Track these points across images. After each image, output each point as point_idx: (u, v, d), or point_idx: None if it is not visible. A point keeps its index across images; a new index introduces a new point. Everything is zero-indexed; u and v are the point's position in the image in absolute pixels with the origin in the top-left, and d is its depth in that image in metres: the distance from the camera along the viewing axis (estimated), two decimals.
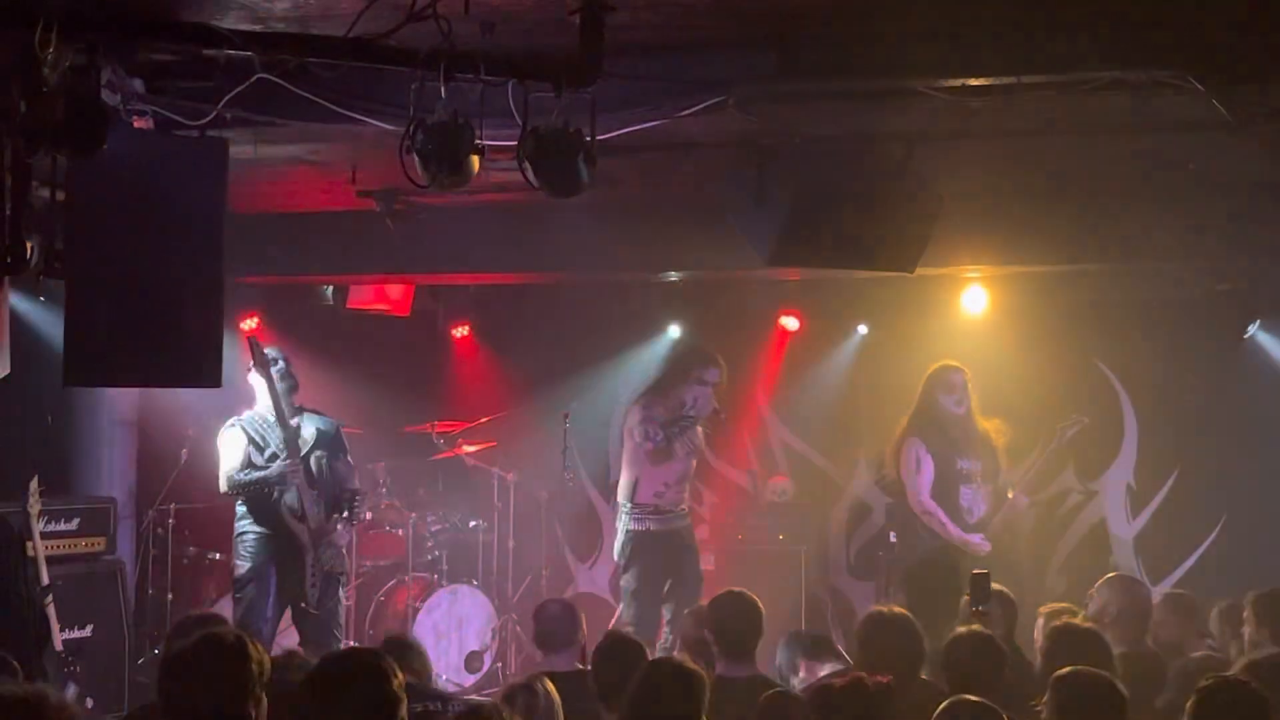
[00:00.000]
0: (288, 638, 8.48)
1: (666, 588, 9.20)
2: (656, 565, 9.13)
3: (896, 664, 5.76)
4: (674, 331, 11.22)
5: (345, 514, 8.46)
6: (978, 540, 8.87)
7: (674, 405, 9.17)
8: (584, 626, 6.60)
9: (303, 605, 8.27)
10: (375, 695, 4.25)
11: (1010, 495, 9.06)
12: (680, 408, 9.16)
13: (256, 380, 8.35)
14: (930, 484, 8.92)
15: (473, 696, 8.19)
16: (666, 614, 9.13)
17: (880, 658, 5.81)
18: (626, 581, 9.16)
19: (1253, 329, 9.82)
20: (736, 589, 6.79)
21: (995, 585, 6.47)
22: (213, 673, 4.27)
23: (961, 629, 5.93)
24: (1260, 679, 4.80)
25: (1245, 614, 6.73)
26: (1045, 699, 4.91)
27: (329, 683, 4.26)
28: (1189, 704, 4.64)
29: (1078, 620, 6.27)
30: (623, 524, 9.25)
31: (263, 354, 8.30)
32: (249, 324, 10.58)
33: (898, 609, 6.10)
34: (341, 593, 8.61)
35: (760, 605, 6.51)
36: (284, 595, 8.31)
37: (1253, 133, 6.26)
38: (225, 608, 9.01)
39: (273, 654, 7.17)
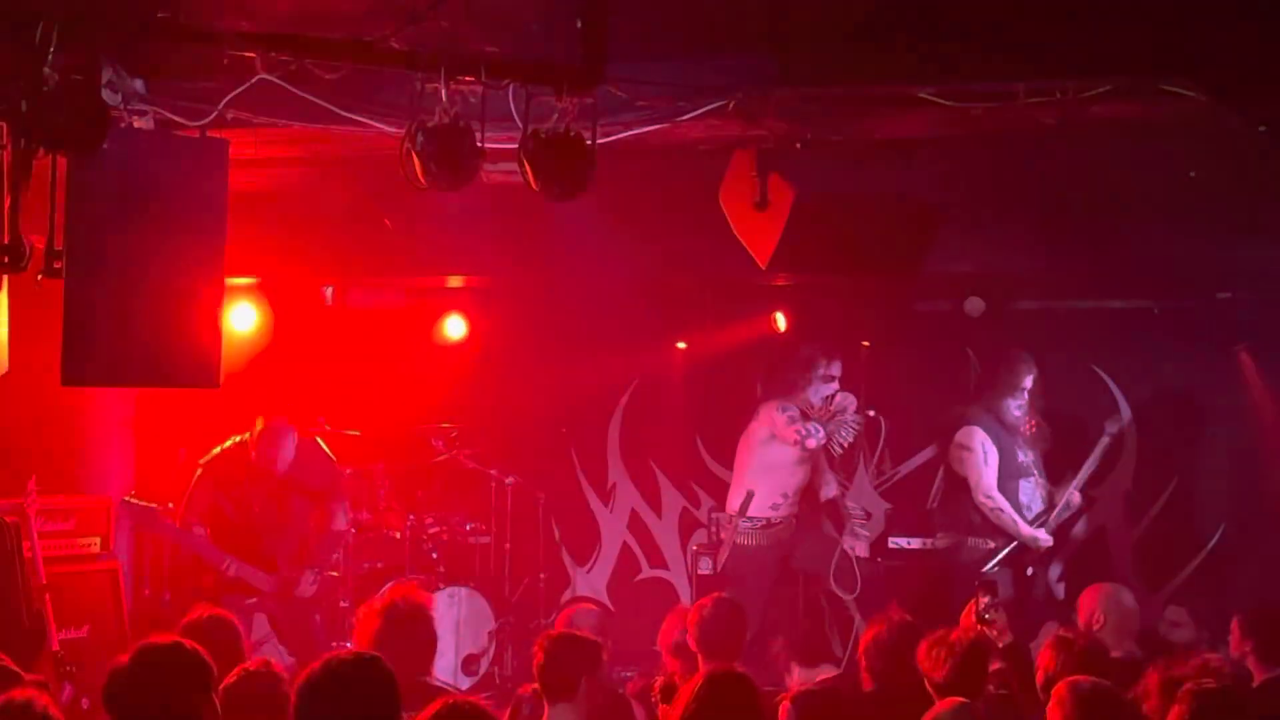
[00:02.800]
0: None
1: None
2: (760, 580, 8.86)
3: (902, 672, 5.78)
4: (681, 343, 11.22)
5: (315, 565, 8.44)
6: (1044, 536, 8.77)
7: (803, 405, 8.92)
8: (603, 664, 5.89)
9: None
10: (379, 699, 4.25)
11: (1066, 495, 8.98)
12: (812, 408, 8.90)
13: None
14: (996, 477, 8.79)
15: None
16: None
17: (886, 666, 5.83)
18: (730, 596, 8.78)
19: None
20: (721, 594, 6.81)
21: None
22: (152, 683, 4.28)
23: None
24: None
25: (1231, 625, 6.73)
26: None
27: (333, 686, 4.26)
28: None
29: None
30: (730, 536, 9.02)
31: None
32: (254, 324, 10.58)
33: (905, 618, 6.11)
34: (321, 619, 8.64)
35: (743, 610, 6.54)
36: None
37: (1255, 140, 6.26)
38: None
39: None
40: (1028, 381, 9.00)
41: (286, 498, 8.43)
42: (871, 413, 9.10)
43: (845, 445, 9.03)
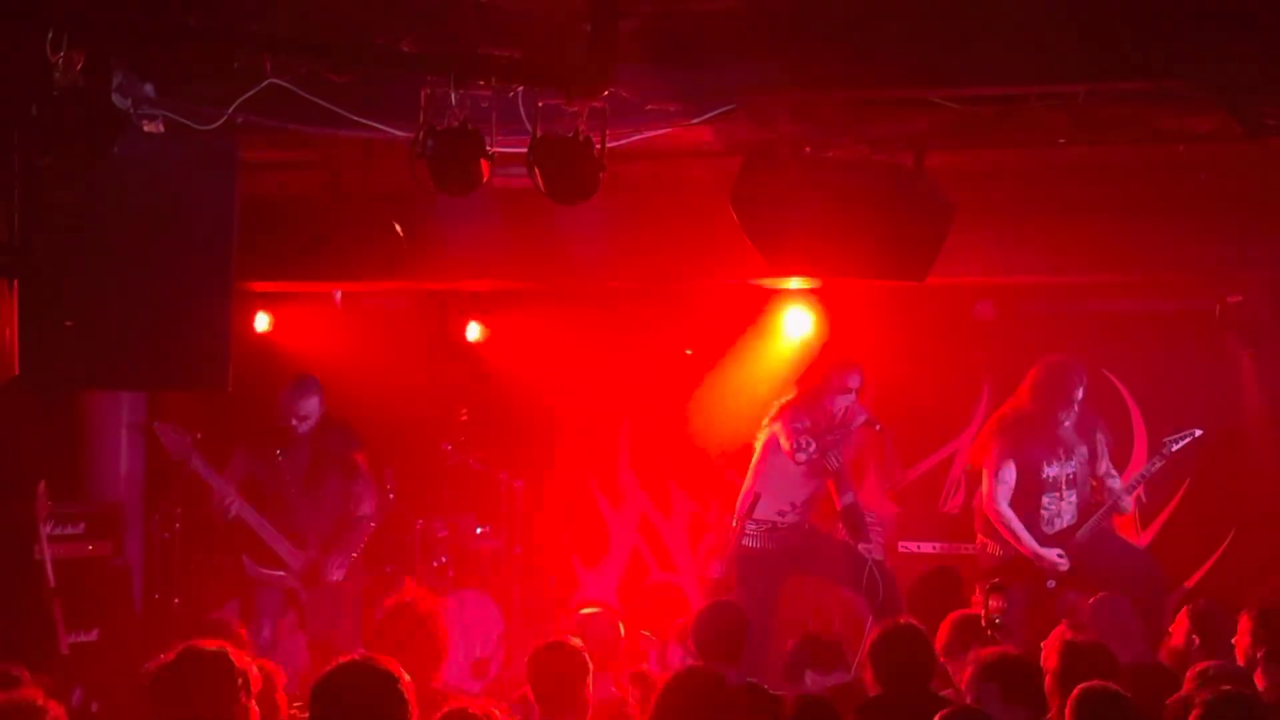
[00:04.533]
0: None
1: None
2: (766, 583, 8.74)
3: (908, 675, 5.78)
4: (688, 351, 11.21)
5: (343, 550, 8.42)
6: (1054, 556, 8.59)
7: (819, 416, 8.77)
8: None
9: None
10: (390, 703, 4.27)
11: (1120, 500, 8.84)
12: (829, 419, 8.75)
13: None
14: (1010, 492, 8.66)
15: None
16: None
17: (893, 669, 5.83)
18: (736, 597, 8.38)
19: None
20: (718, 598, 6.82)
21: None
22: (195, 685, 4.29)
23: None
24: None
25: (1244, 625, 6.67)
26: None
27: (345, 689, 4.29)
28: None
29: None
30: (735, 537, 8.84)
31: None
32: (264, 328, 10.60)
33: (912, 622, 6.11)
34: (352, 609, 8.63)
35: (742, 612, 6.55)
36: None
37: (1264, 143, 6.25)
38: (233, 610, 9.02)
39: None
40: (1079, 393, 8.75)
41: (322, 477, 8.43)
42: (878, 427, 8.97)
43: (839, 462, 8.91)
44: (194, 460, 8.37)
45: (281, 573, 8.27)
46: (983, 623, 6.32)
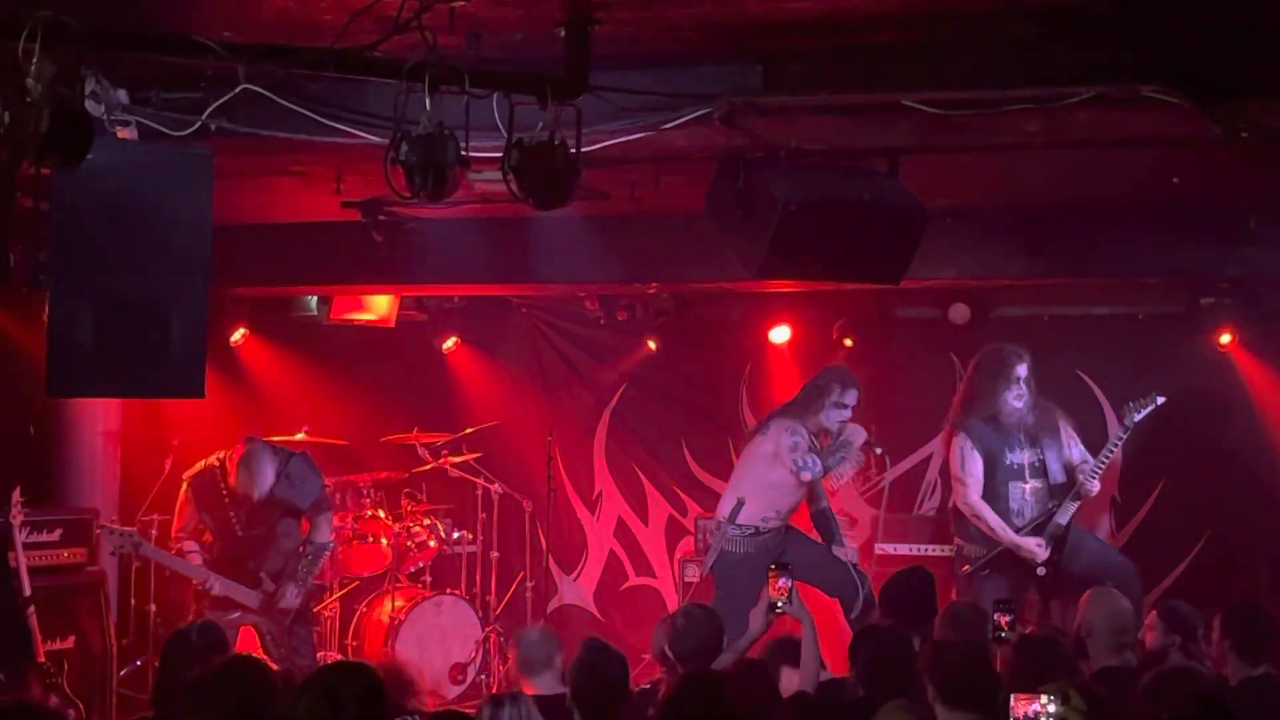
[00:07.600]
0: None
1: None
2: (747, 587, 8.64)
3: (889, 676, 5.80)
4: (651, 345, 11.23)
5: (296, 578, 8.39)
6: (1033, 545, 8.55)
7: (814, 429, 8.73)
8: (562, 649, 6.40)
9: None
10: (367, 706, 4.29)
11: (1081, 484, 8.75)
12: (824, 434, 8.70)
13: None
14: (980, 485, 8.64)
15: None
16: None
17: (873, 670, 5.85)
18: (717, 601, 8.46)
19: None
20: (693, 602, 6.84)
21: None
22: (233, 698, 4.29)
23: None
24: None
25: (1214, 622, 6.71)
26: None
27: (323, 693, 4.30)
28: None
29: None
30: (717, 541, 8.84)
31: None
32: (237, 336, 10.58)
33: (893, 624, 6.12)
34: (306, 630, 8.60)
35: (717, 615, 6.58)
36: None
37: (1237, 148, 6.28)
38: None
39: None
40: (1021, 370, 8.78)
41: (270, 516, 8.38)
42: (879, 450, 8.93)
43: (843, 478, 8.89)
44: (167, 558, 8.43)
45: (239, 613, 8.26)
46: (990, 637, 6.32)
